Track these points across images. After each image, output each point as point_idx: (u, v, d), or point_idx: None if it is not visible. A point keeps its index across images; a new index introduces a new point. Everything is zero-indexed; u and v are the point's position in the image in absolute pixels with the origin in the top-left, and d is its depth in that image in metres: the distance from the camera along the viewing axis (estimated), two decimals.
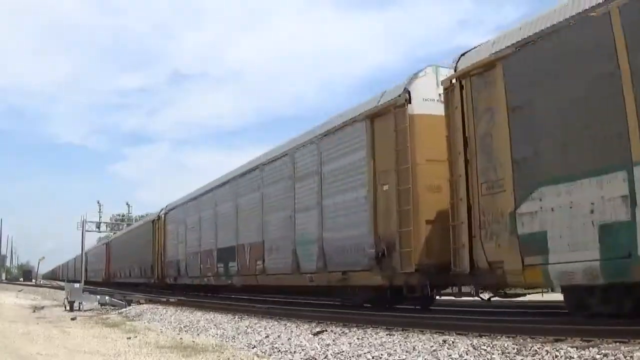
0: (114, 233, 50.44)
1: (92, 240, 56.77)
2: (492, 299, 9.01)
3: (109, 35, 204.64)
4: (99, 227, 54.52)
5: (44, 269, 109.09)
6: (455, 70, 8.78)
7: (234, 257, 16.25)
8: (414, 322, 8.13)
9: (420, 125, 9.59)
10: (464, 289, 9.11)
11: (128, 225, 49.04)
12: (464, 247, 8.12)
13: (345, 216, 11.15)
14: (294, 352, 7.15)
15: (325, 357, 6.62)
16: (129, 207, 76.70)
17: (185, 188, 38.81)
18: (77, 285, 20.07)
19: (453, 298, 10.47)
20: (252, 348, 7.83)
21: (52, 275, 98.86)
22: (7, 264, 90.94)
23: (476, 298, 9.15)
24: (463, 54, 8.76)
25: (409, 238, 9.33)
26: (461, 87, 8.46)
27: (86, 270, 38.40)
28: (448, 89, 8.78)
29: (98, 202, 72.93)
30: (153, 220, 26.85)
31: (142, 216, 56.09)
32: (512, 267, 7.37)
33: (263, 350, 7.54)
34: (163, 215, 24.82)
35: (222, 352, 7.50)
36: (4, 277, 72.82)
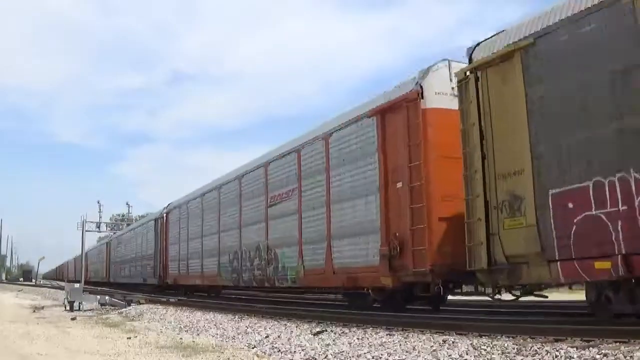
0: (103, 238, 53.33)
1: (92, 240, 56.92)
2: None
3: (109, 35, 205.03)
4: (99, 227, 54.52)
5: (44, 268, 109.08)
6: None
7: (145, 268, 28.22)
8: (414, 322, 8.14)
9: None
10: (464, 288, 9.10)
11: (128, 225, 49.22)
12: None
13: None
14: (294, 352, 7.14)
15: (325, 357, 6.62)
16: (129, 207, 76.73)
17: (185, 188, 39.19)
18: (77, 285, 20.06)
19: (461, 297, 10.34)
20: (252, 348, 7.82)
21: (55, 275, 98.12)
22: (7, 264, 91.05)
23: (483, 297, 8.96)
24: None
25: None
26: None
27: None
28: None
29: (98, 202, 72.90)
30: (107, 243, 43.16)
31: (142, 216, 56.17)
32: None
33: (263, 350, 7.53)
34: (110, 241, 41.98)
35: (222, 352, 7.49)
36: (4, 277, 72.87)
